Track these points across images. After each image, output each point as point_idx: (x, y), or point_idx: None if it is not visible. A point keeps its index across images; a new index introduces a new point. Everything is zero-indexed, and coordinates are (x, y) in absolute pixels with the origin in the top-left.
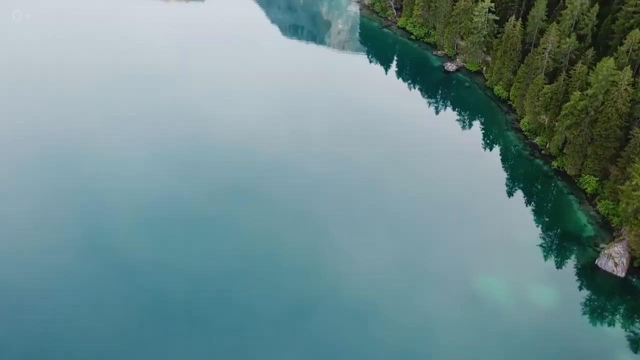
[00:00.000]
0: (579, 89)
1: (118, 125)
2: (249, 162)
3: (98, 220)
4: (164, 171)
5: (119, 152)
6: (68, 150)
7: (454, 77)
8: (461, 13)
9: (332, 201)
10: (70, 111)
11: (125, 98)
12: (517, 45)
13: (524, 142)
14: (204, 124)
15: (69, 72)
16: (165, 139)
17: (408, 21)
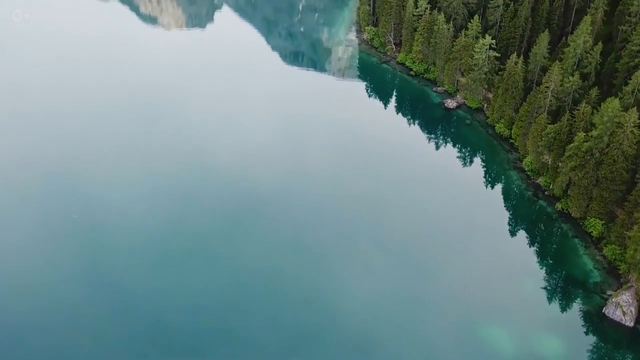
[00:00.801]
0: (583, 130)
1: (117, 154)
2: (248, 191)
3: (97, 251)
4: (162, 201)
5: (118, 181)
6: (66, 179)
7: (455, 114)
8: (461, 49)
9: (332, 231)
10: (69, 139)
11: (125, 125)
12: (519, 83)
13: (527, 182)
14: (204, 151)
15: (69, 99)
16: (165, 167)
17: (407, 57)
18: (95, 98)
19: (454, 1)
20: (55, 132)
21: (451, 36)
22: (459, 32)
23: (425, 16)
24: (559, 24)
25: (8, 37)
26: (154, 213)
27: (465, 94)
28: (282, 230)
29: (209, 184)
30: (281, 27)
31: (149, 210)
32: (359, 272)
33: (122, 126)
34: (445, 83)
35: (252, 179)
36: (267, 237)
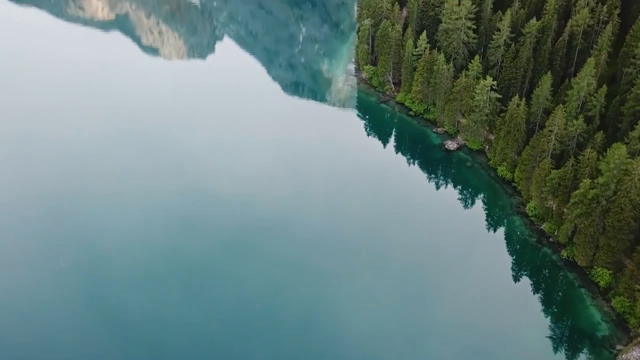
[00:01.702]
0: (589, 176)
1: (118, 178)
2: (249, 215)
3: (98, 273)
4: (164, 224)
5: (119, 205)
6: (68, 203)
7: (455, 156)
8: (462, 90)
9: (332, 260)
10: (70, 164)
11: (126, 151)
12: (522, 126)
13: (531, 227)
14: (205, 177)
15: (70, 126)
16: (166, 192)
17: (407, 96)
18: (96, 126)
19: (454, 41)
20: (56, 156)
21: (451, 76)
22: (460, 73)
23: (425, 56)
24: (562, 64)
25: (11, 65)
26: (154, 237)
27: (466, 135)
28: (282, 252)
29: (209, 210)
30: (282, 57)
31: (150, 235)
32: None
33: (123, 152)
34: (445, 124)
35: (252, 202)
36: (267, 258)
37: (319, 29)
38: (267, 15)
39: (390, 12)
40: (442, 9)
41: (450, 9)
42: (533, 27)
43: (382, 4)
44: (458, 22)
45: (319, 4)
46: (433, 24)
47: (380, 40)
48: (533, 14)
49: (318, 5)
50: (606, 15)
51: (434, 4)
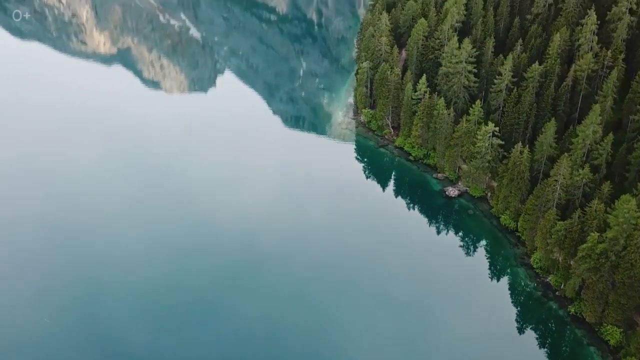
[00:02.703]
0: (597, 229)
1: (118, 212)
2: (249, 248)
3: (96, 306)
4: (164, 257)
5: (118, 236)
6: (67, 238)
7: (456, 203)
8: (463, 136)
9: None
10: (70, 198)
11: (127, 183)
12: (525, 174)
13: (536, 280)
14: (205, 210)
15: (70, 157)
16: (165, 224)
17: (406, 141)
18: (97, 158)
19: (455, 85)
20: (56, 190)
21: (452, 121)
22: (460, 117)
23: (425, 100)
24: (565, 110)
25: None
26: (153, 270)
27: (467, 181)
28: (282, 285)
29: (209, 242)
30: (282, 91)
31: (148, 267)
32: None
33: (124, 185)
34: (446, 170)
35: (252, 235)
36: (267, 291)
37: (320, 64)
38: (267, 49)
39: (389, 55)
40: (442, 52)
41: (451, 52)
42: (535, 71)
43: (380, 46)
44: (458, 66)
45: (319, 39)
46: (433, 67)
47: (378, 83)
48: (535, 58)
49: (318, 40)
50: (611, 60)
51: (434, 46)
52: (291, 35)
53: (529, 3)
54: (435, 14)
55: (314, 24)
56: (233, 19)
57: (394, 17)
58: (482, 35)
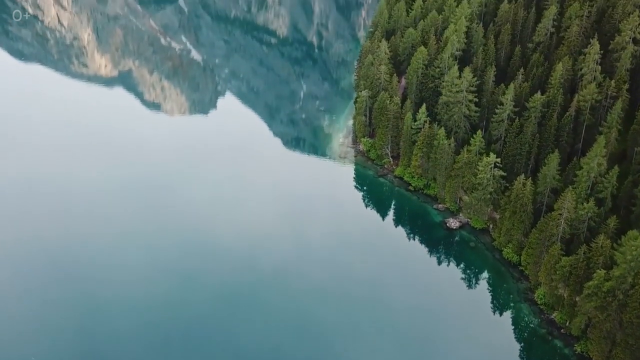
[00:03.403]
0: (603, 266)
1: (118, 232)
2: (249, 269)
3: (95, 325)
4: (164, 277)
5: (119, 259)
6: (68, 257)
7: (457, 235)
8: (464, 167)
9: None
10: (70, 219)
11: (127, 204)
12: (528, 207)
13: (540, 317)
14: (205, 231)
15: (71, 180)
16: (165, 245)
17: (406, 171)
18: (96, 179)
19: (455, 114)
20: (57, 210)
21: (452, 152)
22: (461, 148)
23: (425, 130)
24: (569, 140)
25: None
26: (153, 291)
27: (468, 213)
28: (283, 306)
29: (209, 263)
30: (283, 113)
31: (149, 288)
32: None
33: (124, 205)
34: (446, 201)
35: (253, 256)
36: (267, 313)
37: (320, 86)
38: (268, 72)
39: (389, 84)
40: (442, 81)
41: (451, 81)
42: (538, 101)
43: (380, 75)
44: (459, 95)
45: (319, 62)
46: (433, 96)
47: (378, 112)
48: (537, 88)
49: (319, 63)
50: (614, 90)
51: (434, 75)
52: (291, 58)
53: (530, 31)
54: (435, 42)
55: (314, 47)
56: (234, 42)
57: (394, 44)
58: (483, 64)
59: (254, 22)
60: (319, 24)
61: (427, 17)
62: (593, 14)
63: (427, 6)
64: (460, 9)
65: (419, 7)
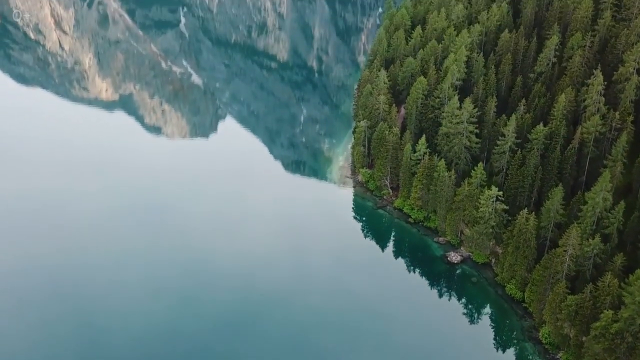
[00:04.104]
0: (611, 306)
1: (117, 255)
2: (249, 295)
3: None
4: (164, 303)
5: (118, 281)
6: (66, 280)
7: (459, 270)
8: (465, 199)
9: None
10: (69, 241)
11: (127, 228)
12: (532, 242)
13: (545, 357)
14: (205, 255)
15: (70, 203)
16: (165, 270)
17: (405, 203)
18: (97, 202)
19: (456, 145)
20: (56, 233)
21: (453, 184)
22: (462, 180)
23: (424, 161)
24: (572, 173)
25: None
26: (153, 316)
27: (470, 247)
28: (283, 332)
29: (209, 288)
30: (283, 137)
31: (149, 313)
32: None
33: (124, 229)
34: (447, 234)
35: (252, 282)
36: (268, 339)
37: (320, 110)
38: (268, 96)
39: (388, 114)
40: (442, 111)
41: (451, 112)
42: (540, 133)
43: (378, 105)
44: (459, 126)
45: (319, 86)
46: (433, 126)
47: (376, 143)
48: (540, 119)
49: (319, 87)
50: (619, 122)
51: (434, 105)
52: (292, 82)
53: (532, 61)
54: (434, 71)
55: (314, 71)
56: (234, 66)
57: (393, 73)
58: (484, 94)
59: (255, 47)
60: (319, 48)
61: (426, 46)
62: (595, 44)
63: (427, 35)
64: (460, 38)
65: (418, 36)
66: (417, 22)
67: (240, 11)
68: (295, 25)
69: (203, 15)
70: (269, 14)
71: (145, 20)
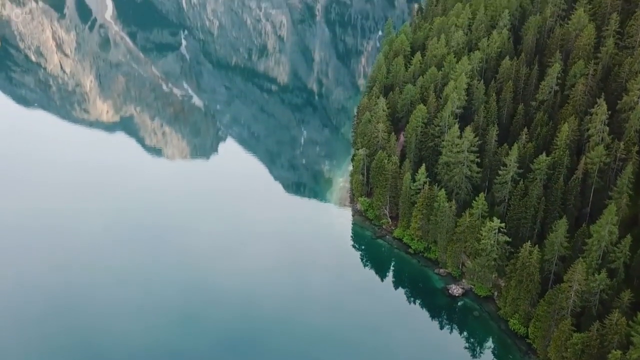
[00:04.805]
0: (618, 346)
1: (117, 278)
2: (249, 315)
3: None
4: (163, 323)
5: (118, 303)
6: (66, 302)
7: (460, 303)
8: (466, 231)
9: None
10: (68, 263)
11: (127, 249)
12: (535, 276)
13: None
14: (204, 277)
15: (70, 225)
16: (165, 290)
17: (405, 232)
18: (97, 224)
19: (456, 175)
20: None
21: (454, 214)
22: (463, 210)
23: (424, 191)
24: (576, 204)
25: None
26: (153, 336)
27: (472, 279)
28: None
29: (209, 308)
30: (284, 158)
31: (149, 333)
32: None
33: (124, 250)
34: (448, 265)
35: (252, 302)
36: None
37: (320, 132)
38: (269, 118)
39: (387, 142)
40: (442, 140)
41: (452, 140)
42: (543, 163)
43: (377, 133)
44: (460, 156)
45: (319, 108)
46: (433, 154)
47: (375, 171)
48: (542, 148)
49: (319, 109)
50: (623, 152)
51: (434, 134)
52: (292, 105)
53: (533, 89)
54: (434, 99)
55: (314, 94)
56: (235, 89)
57: (392, 100)
58: (485, 122)
59: (255, 70)
60: (319, 71)
61: (426, 73)
62: (598, 72)
63: (426, 61)
64: (461, 65)
65: (417, 63)
66: (416, 48)
67: (241, 34)
68: (296, 48)
69: (204, 38)
70: (270, 37)
71: (147, 43)
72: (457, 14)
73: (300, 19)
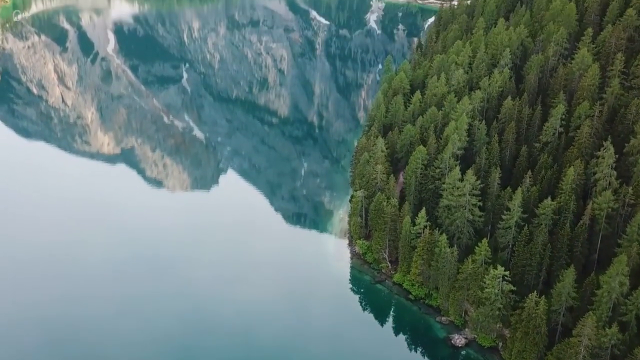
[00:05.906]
0: None
1: (117, 309)
2: (248, 347)
3: None
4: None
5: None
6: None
7: (464, 354)
8: (469, 278)
9: None
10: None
11: (126, 281)
12: (542, 328)
13: None
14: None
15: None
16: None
17: (405, 278)
18: (96, 255)
19: (458, 219)
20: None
21: (455, 260)
22: (465, 255)
23: (425, 236)
24: (584, 252)
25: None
26: None
27: (475, 329)
28: None
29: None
30: (284, 190)
31: None
32: None
33: (124, 282)
34: (451, 313)
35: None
36: None
37: (321, 164)
38: (269, 150)
39: (386, 184)
40: (443, 182)
41: (453, 183)
42: (548, 207)
43: (376, 174)
44: (461, 199)
45: (320, 140)
46: (433, 197)
47: (374, 214)
48: (547, 192)
49: (319, 142)
50: (632, 197)
51: (434, 176)
52: (292, 137)
53: (537, 130)
54: (434, 140)
55: (315, 127)
56: (236, 121)
57: (391, 140)
58: (487, 164)
59: (256, 102)
60: (319, 104)
61: (426, 113)
62: (604, 114)
63: (426, 101)
64: (461, 105)
65: (417, 102)
66: (416, 87)
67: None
68: (296, 82)
69: (205, 71)
70: (270, 70)
71: (148, 75)
72: (457, 52)
73: (300, 52)
